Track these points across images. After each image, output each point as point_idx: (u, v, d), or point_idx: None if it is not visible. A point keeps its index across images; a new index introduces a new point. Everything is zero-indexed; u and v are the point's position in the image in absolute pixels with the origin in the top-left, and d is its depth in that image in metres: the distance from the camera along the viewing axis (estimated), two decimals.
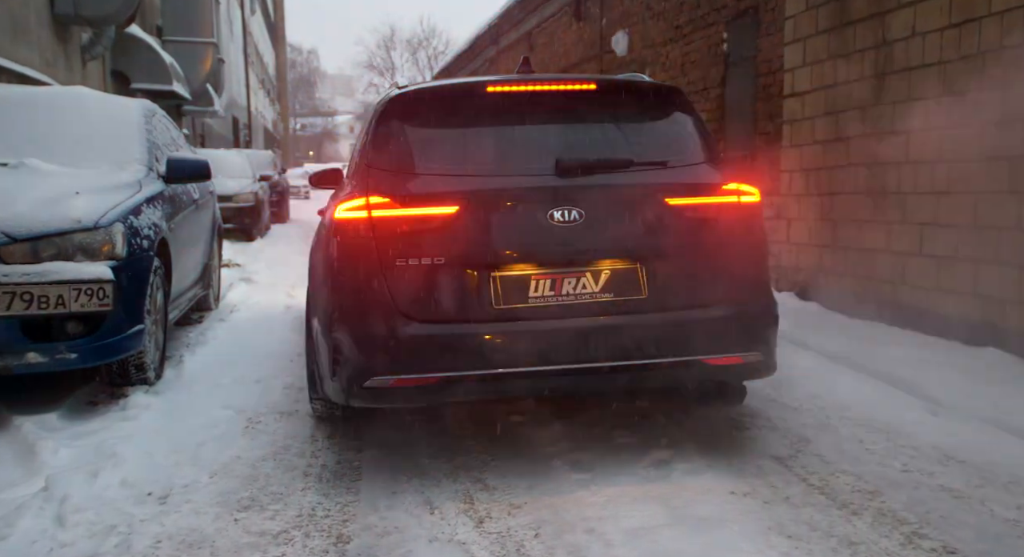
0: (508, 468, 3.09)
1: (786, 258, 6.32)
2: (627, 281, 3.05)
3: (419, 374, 2.92)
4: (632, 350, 3.00)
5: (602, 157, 3.14)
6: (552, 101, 3.39)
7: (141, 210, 4.15)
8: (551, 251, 3.02)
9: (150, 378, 4.17)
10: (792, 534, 2.50)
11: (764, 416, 3.70)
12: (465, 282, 2.98)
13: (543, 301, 3.00)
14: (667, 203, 3.12)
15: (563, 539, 2.50)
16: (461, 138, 3.30)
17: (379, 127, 3.32)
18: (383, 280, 2.96)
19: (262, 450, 3.28)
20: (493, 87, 3.38)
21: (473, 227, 3.01)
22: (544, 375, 2.98)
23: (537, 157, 3.14)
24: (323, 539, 2.51)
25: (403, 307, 2.94)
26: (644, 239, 3.09)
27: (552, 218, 3.00)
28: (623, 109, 3.43)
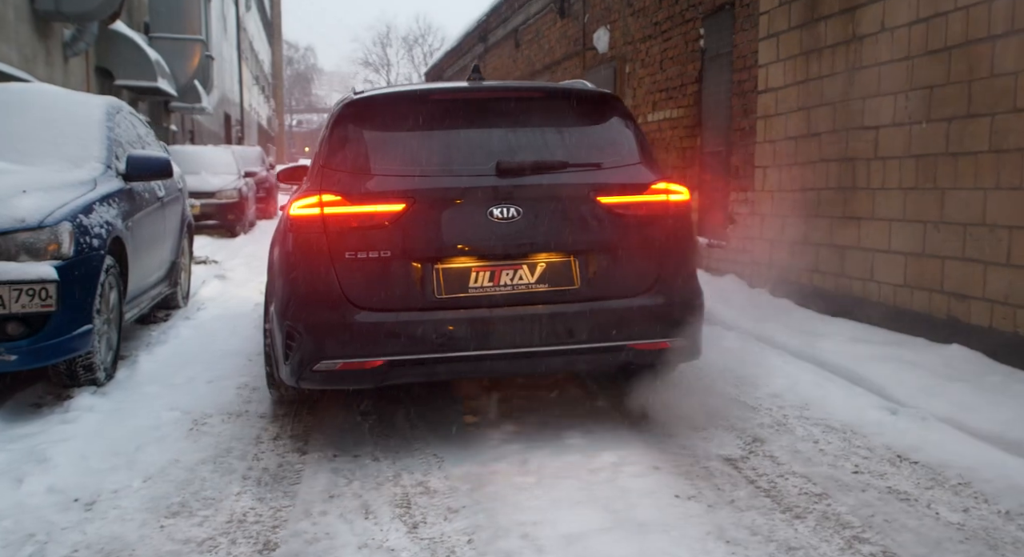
0: (453, 470, 3.02)
1: (760, 254, 6.26)
2: (561, 273, 3.29)
3: (365, 358, 3.16)
4: (565, 336, 3.24)
5: (539, 159, 3.35)
6: (496, 107, 3.62)
7: (93, 208, 4.06)
8: (490, 245, 3.25)
9: (100, 379, 4.09)
10: (731, 539, 2.43)
11: (722, 416, 3.63)
12: (410, 274, 3.21)
13: (482, 291, 3.24)
14: (599, 201, 3.34)
15: (496, 545, 2.43)
16: (410, 141, 3.48)
17: (334, 130, 3.52)
18: (333, 272, 3.19)
19: (203, 453, 3.20)
20: (440, 94, 3.73)
21: (418, 223, 3.22)
22: (482, 359, 3.24)
23: (479, 159, 3.35)
24: (249, 546, 2.44)
25: (351, 296, 3.18)
26: (577, 234, 3.30)
27: (492, 215, 3.23)
28: (563, 115, 3.64)
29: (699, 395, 3.94)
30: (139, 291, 5.20)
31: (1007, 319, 3.96)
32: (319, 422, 3.64)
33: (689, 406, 3.76)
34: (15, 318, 3.48)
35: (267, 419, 3.67)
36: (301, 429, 3.54)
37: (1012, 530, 2.45)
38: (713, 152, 7.13)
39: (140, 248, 4.97)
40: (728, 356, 4.64)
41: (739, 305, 5.89)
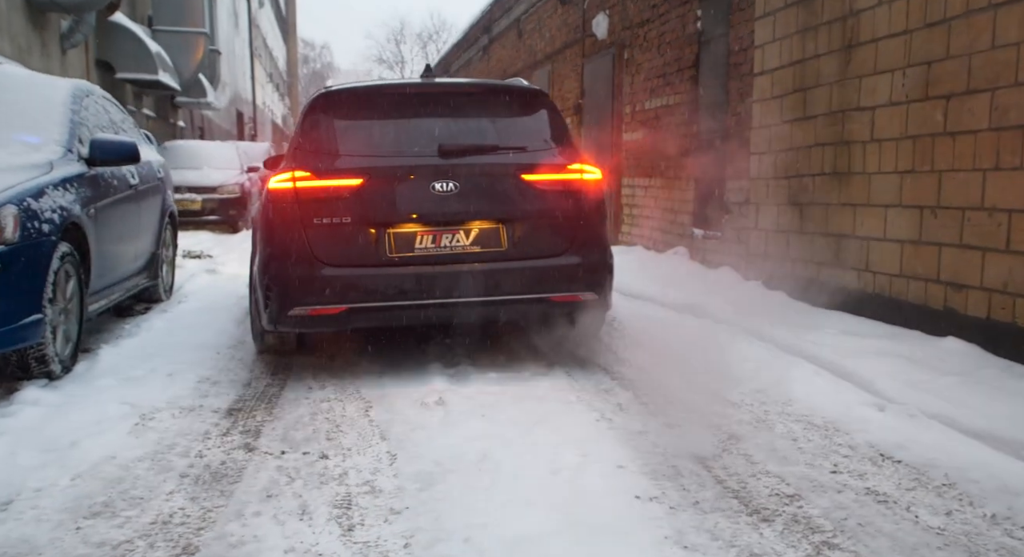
0: (405, 468, 2.84)
1: (754, 245, 6.04)
2: (491, 237, 3.93)
3: (330, 305, 3.82)
4: (494, 289, 3.88)
5: (474, 143, 4.03)
6: (440, 100, 4.27)
7: (44, 192, 3.89)
8: (433, 214, 3.89)
9: (55, 372, 3.92)
10: (689, 545, 2.23)
11: (700, 412, 3.43)
12: (367, 236, 3.86)
13: (426, 251, 3.89)
14: (524, 178, 3.97)
15: (434, 550, 2.24)
16: (368, 127, 4.16)
17: (306, 118, 4.20)
18: (303, 235, 3.83)
19: (143, 449, 3.03)
20: (393, 89, 4.52)
21: (373, 195, 3.87)
22: (426, 307, 3.87)
23: (424, 142, 3.99)
24: (167, 551, 2.26)
25: (318, 255, 3.83)
26: (505, 205, 3.93)
27: (434, 189, 3.87)
28: (497, 107, 4.29)
29: (679, 391, 3.75)
30: (108, 283, 5.04)
31: (1005, 309, 3.73)
32: (274, 417, 3.46)
33: (666, 402, 3.58)
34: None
35: (220, 414, 3.50)
36: (254, 425, 3.37)
37: (997, 535, 2.23)
38: (709, 139, 6.90)
39: (107, 237, 4.81)
40: (714, 350, 4.44)
41: (731, 298, 5.67)
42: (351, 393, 3.82)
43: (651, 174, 8.24)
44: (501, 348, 4.65)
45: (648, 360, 4.35)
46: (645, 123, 8.32)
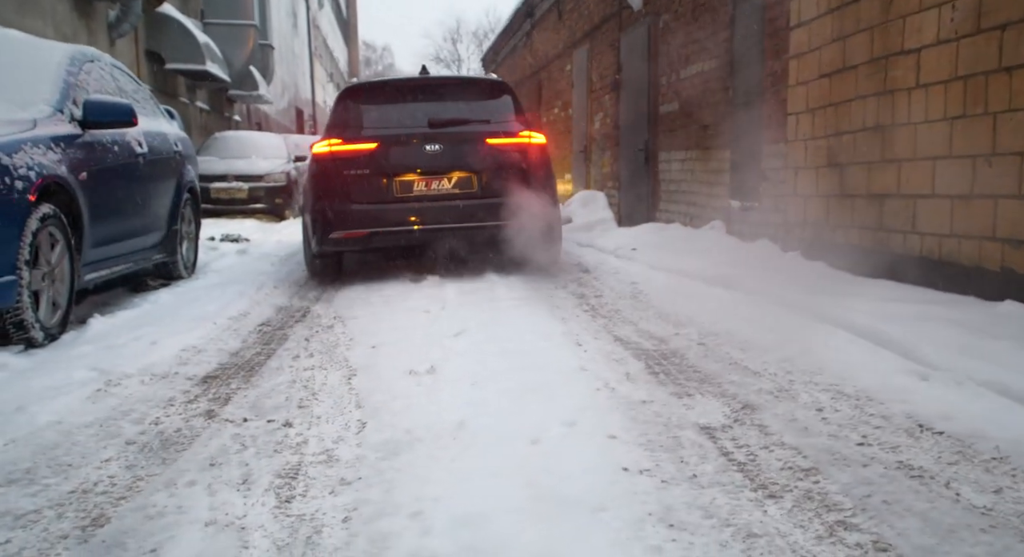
0: (372, 437, 2.53)
1: (793, 213, 5.57)
2: (466, 182, 5.60)
3: (357, 229, 5.53)
4: (468, 218, 5.54)
5: (453, 117, 5.73)
6: (430, 89, 6.08)
7: (21, 149, 3.70)
8: (425, 166, 5.58)
9: (36, 338, 3.74)
10: (676, 523, 1.87)
11: (714, 382, 3.05)
12: (380, 183, 5.57)
13: (421, 192, 5.58)
14: (488, 142, 5.63)
15: (374, 525, 1.92)
16: (380, 108, 5.99)
17: (337, 103, 6.04)
18: (338, 183, 5.57)
19: (94, 415, 2.78)
20: (397, 81, 6.38)
21: (384, 154, 5.58)
22: (422, 231, 5.58)
23: (419, 117, 5.74)
24: (74, 522, 1.98)
25: (348, 196, 5.54)
26: (476, 160, 5.61)
27: (425, 149, 5.59)
28: (470, 93, 6.12)
29: (695, 360, 3.38)
30: (110, 255, 4.87)
31: None
32: (250, 386, 3.19)
33: (679, 372, 3.21)
34: None
35: (194, 381, 3.24)
36: (226, 392, 3.10)
37: None
38: (745, 103, 6.44)
39: (104, 204, 4.63)
40: (740, 320, 4.05)
41: (766, 270, 5.23)
42: (339, 361, 3.54)
43: (687, 146, 7.79)
44: (506, 318, 4.32)
45: (668, 331, 3.97)
46: (681, 93, 7.88)
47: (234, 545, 1.85)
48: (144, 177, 5.41)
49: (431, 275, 5.89)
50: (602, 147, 11.15)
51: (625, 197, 10.03)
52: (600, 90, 11.17)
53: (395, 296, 5.20)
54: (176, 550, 1.84)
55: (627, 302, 4.85)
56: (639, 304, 4.77)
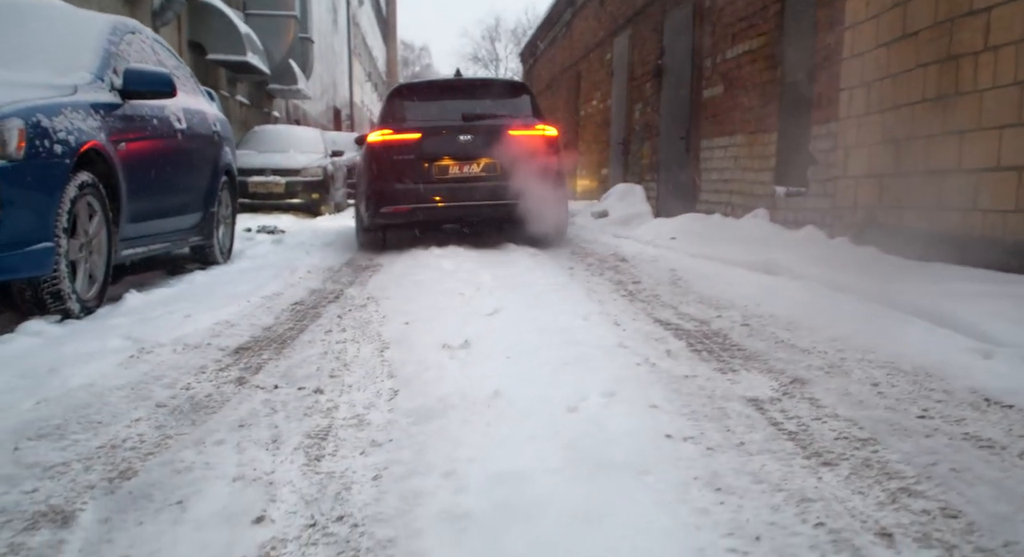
0: (403, 404, 2.45)
1: (842, 196, 5.39)
2: (491, 167, 6.68)
3: (402, 205, 6.62)
4: (490, 197, 6.58)
5: (482, 112, 6.77)
6: (464, 88, 7.35)
7: (61, 112, 3.68)
8: (459, 153, 6.67)
9: (72, 310, 3.73)
10: (724, 487, 1.76)
11: (761, 359, 2.93)
12: (422, 167, 6.64)
13: (455, 174, 6.65)
14: (510, 134, 6.66)
15: (406, 483, 1.84)
16: (422, 105, 7.08)
17: (387, 100, 7.27)
18: (388, 166, 6.65)
19: (126, 379, 2.75)
20: (437, 83, 7.85)
21: (426, 143, 6.66)
22: (454, 208, 6.67)
23: (454, 113, 6.81)
24: (102, 474, 1.94)
25: (397, 177, 6.62)
26: (499, 149, 6.59)
27: (459, 139, 6.67)
28: (497, 92, 7.35)
29: (738, 339, 3.26)
30: (147, 232, 4.87)
31: None
32: (282, 356, 3.14)
33: (722, 349, 3.10)
34: None
35: (226, 352, 3.20)
36: (258, 362, 3.05)
37: None
38: (794, 82, 6.26)
39: (142, 179, 4.62)
40: (784, 302, 3.92)
41: (811, 255, 5.07)
42: (372, 336, 3.47)
43: (731, 132, 7.62)
44: (542, 301, 4.23)
45: (710, 314, 3.85)
46: (725, 75, 7.71)
47: (261, 499, 1.78)
48: (182, 154, 5.41)
49: (466, 263, 5.82)
50: (642, 138, 10.99)
51: (664, 189, 9.87)
52: (641, 78, 11.01)
53: (429, 281, 5.14)
54: (202, 502, 1.77)
55: (666, 288, 4.73)
56: (678, 289, 4.65)
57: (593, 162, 14.67)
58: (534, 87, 21.85)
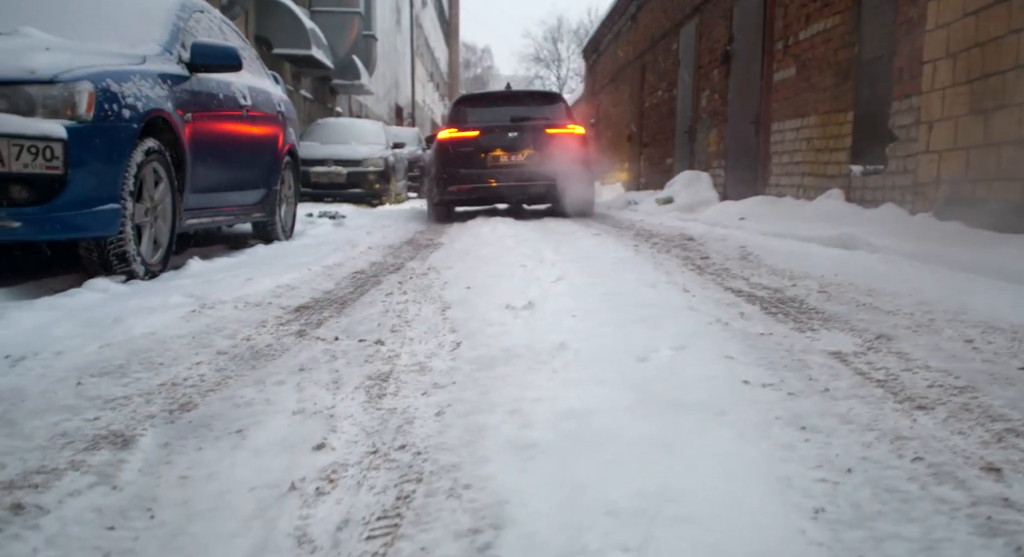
0: (467, 354, 2.38)
1: (924, 171, 5.13)
2: (533, 156, 8.67)
3: (463, 185, 8.76)
4: (532, 178, 8.63)
5: (526, 116, 8.95)
6: (513, 98, 9.56)
7: (130, 78, 3.72)
8: (507, 146, 8.75)
9: (137, 272, 3.77)
10: (809, 426, 1.63)
11: (841, 320, 2.77)
12: (479, 156, 8.76)
13: (504, 162, 8.77)
14: (547, 131, 8.72)
15: (470, 419, 1.76)
16: (480, 109, 9.29)
17: (455, 105, 9.67)
18: (454, 156, 8.79)
19: (188, 329, 2.74)
20: (492, 94, 10.15)
21: (483, 139, 8.78)
22: (503, 187, 8.78)
23: (505, 116, 9.00)
24: (162, 406, 1.91)
25: (460, 164, 8.77)
26: (538, 142, 8.66)
27: (508, 135, 8.78)
28: (537, 100, 9.63)
29: (816, 303, 3.11)
30: (210, 204, 4.93)
31: None
32: (343, 315, 3.10)
33: (799, 312, 2.95)
34: (20, 180, 3.17)
35: (287, 310, 3.18)
36: (318, 319, 3.02)
37: None
38: (872, 59, 6.00)
39: (207, 150, 4.67)
40: (864, 272, 3.74)
41: (891, 231, 4.85)
42: (433, 298, 3.42)
43: (803, 113, 7.37)
44: (607, 272, 4.12)
45: (784, 283, 3.69)
46: (798, 57, 7.47)
47: (321, 429, 1.72)
48: (246, 131, 5.46)
49: (527, 241, 5.75)
50: (708, 125, 10.76)
51: (731, 175, 9.64)
52: (708, 65, 10.79)
53: (490, 255, 5.08)
54: (262, 432, 1.73)
55: (736, 262, 4.57)
56: (749, 263, 4.48)
57: (657, 153, 14.45)
58: (596, 83, 21.78)
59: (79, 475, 1.48)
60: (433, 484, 1.41)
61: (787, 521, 1.18)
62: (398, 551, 1.16)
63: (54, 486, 1.43)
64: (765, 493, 1.28)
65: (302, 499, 1.40)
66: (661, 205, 9.45)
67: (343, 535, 1.26)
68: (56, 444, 1.64)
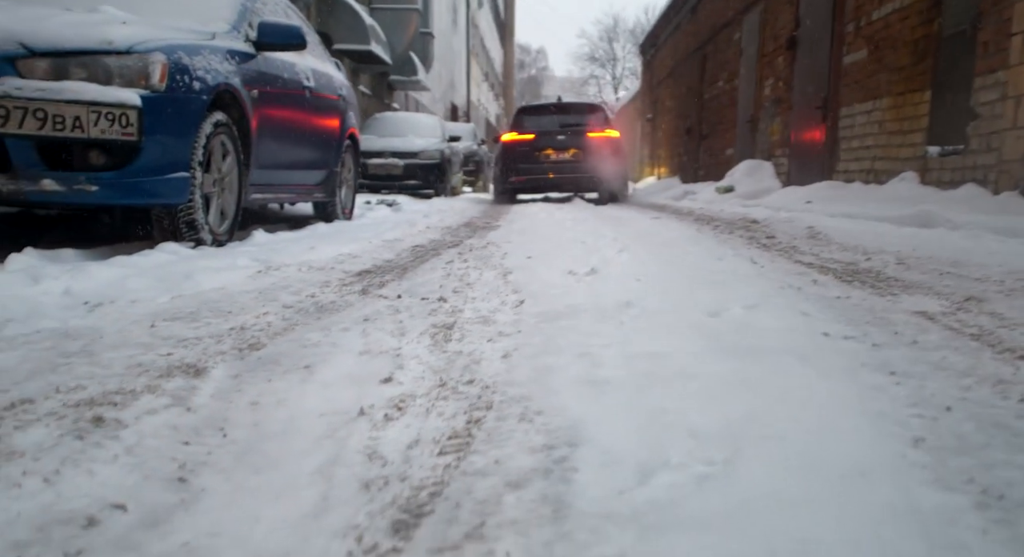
0: (533, 310, 2.34)
1: (1010, 149, 4.91)
2: (577, 154, 11.18)
3: (521, 176, 11.33)
4: (576, 171, 11.18)
5: (572, 123, 11.51)
6: (562, 107, 12.26)
7: (200, 52, 3.78)
8: (556, 146, 11.30)
9: (204, 240, 3.83)
10: (899, 371, 1.55)
11: (924, 286, 2.65)
12: (534, 154, 11.30)
13: (554, 159, 11.29)
14: (589, 135, 11.24)
15: (538, 360, 1.72)
16: (536, 118, 11.91)
17: (516, 115, 12.40)
18: (514, 154, 11.42)
19: (255, 286, 2.76)
20: (546, 105, 12.69)
21: (537, 140, 11.36)
22: (553, 178, 11.37)
23: (556, 123, 11.59)
24: (232, 345, 1.91)
25: (519, 160, 11.34)
26: (582, 143, 11.17)
27: (557, 138, 11.31)
28: (582, 110, 12.29)
29: (895, 272, 2.99)
30: (274, 181, 4.99)
31: None
32: (404, 278, 3.09)
33: (877, 279, 2.84)
34: (97, 145, 3.24)
35: (349, 274, 3.19)
36: (380, 281, 3.02)
37: None
38: (953, 35, 5.76)
39: (272, 127, 4.72)
40: (945, 247, 3.58)
41: (972, 210, 4.65)
42: (494, 266, 3.39)
43: (875, 95, 7.14)
44: (671, 246, 4.04)
45: (857, 258, 3.56)
46: (871, 38, 7.23)
47: (388, 366, 1.70)
48: (309, 110, 5.51)
49: (587, 222, 5.69)
50: (771, 113, 10.53)
51: (795, 163, 9.40)
52: (773, 53, 10.56)
53: (550, 234, 5.03)
54: (329, 368, 1.71)
55: (804, 241, 4.44)
56: (818, 242, 4.35)
57: (716, 145, 14.21)
58: (653, 78, 21.84)
59: (154, 397, 1.48)
60: (504, 411, 1.37)
61: (885, 445, 1.10)
62: (471, 464, 1.13)
63: (132, 405, 1.43)
64: (858, 422, 1.20)
65: (371, 423, 1.38)
66: (721, 194, 9.27)
67: (414, 453, 1.23)
68: (132, 372, 1.65)
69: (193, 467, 1.26)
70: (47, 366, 1.68)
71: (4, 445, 1.23)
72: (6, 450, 1.21)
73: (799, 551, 0.77)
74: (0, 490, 1.09)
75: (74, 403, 1.44)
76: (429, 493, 1.06)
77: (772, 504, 0.89)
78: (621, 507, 0.93)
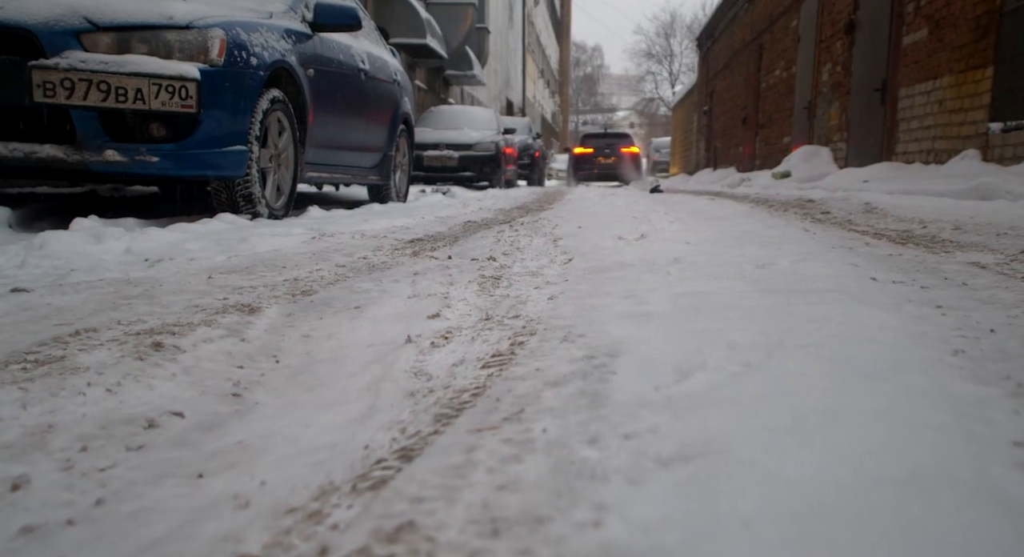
0: (581, 266, 2.36)
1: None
2: (616, 160, 25.41)
3: (583, 171, 25.60)
4: (614, 168, 25.28)
5: (612, 143, 25.99)
6: (608, 135, 27.17)
7: (258, 29, 3.89)
8: (604, 154, 25.67)
9: (260, 213, 3.94)
10: (945, 305, 1.54)
11: (978, 246, 2.61)
12: (592, 159, 25.60)
13: (602, 162, 25.52)
14: (621, 150, 25.59)
15: (582, 301, 1.74)
16: (592, 139, 26.46)
17: (581, 139, 27.19)
18: (580, 160, 25.80)
19: (310, 248, 2.85)
20: (597, 132, 28.92)
21: (593, 152, 25.78)
22: (601, 173, 25.50)
23: (604, 142, 26.14)
24: (286, 291, 1.98)
25: (583, 162, 25.70)
26: (617, 154, 25.44)
27: (605, 150, 25.55)
28: (619, 136, 26.72)
29: (946, 237, 2.92)
30: (329, 161, 5.09)
31: None
32: (455, 245, 3.15)
33: (929, 243, 2.78)
34: (158, 117, 3.37)
35: (401, 241, 3.25)
36: (431, 247, 3.08)
37: None
38: (1015, 9, 5.59)
39: (327, 107, 4.83)
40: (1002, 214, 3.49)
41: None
42: (544, 233, 3.42)
43: (935, 74, 6.96)
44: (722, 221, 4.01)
45: (912, 226, 3.49)
46: (931, 16, 7.05)
47: (436, 306, 1.75)
48: (364, 93, 5.61)
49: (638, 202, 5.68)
50: (829, 99, 10.33)
51: (853, 147, 9.22)
52: (831, 38, 10.36)
53: (601, 211, 5.04)
54: (379, 309, 1.78)
55: (860, 215, 4.36)
56: (874, 215, 4.27)
57: (773, 133, 14.00)
58: (710, 70, 23.40)
59: (211, 329, 1.55)
60: (547, 336, 1.40)
61: (924, 352, 1.11)
62: (513, 372, 1.16)
63: (189, 335, 1.50)
64: (899, 338, 1.20)
65: (418, 349, 1.43)
66: (777, 179, 9.13)
67: (458, 369, 1.27)
68: (190, 311, 1.72)
69: (247, 385, 1.32)
70: (109, 305, 1.77)
71: (69, 363, 1.30)
72: (71, 366, 1.28)
73: (825, 419, 0.79)
74: (66, 397, 1.16)
75: (135, 332, 1.52)
76: (471, 394, 1.10)
77: (803, 388, 0.90)
78: (657, 398, 0.96)
